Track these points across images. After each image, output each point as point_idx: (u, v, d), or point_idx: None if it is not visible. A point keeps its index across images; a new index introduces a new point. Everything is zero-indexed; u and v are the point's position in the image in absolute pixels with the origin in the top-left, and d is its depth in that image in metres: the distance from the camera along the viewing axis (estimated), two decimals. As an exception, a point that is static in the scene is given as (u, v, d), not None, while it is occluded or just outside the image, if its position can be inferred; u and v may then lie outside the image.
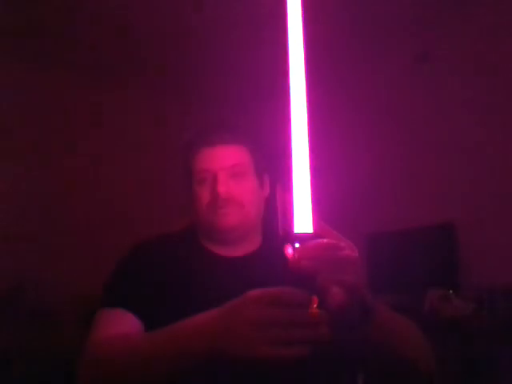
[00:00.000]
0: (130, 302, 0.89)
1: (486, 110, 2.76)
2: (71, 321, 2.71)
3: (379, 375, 0.83)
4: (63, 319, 2.76)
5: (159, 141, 3.67)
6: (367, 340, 0.70)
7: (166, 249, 1.00)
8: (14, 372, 2.29)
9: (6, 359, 2.28)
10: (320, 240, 0.59)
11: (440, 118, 2.98)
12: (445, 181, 2.91)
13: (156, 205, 3.48)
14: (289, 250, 0.59)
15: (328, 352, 0.73)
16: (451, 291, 2.50)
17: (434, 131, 3.01)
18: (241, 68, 3.46)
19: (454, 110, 2.91)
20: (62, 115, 3.40)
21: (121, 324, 0.86)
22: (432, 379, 0.80)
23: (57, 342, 2.41)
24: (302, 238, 0.58)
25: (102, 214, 3.40)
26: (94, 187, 3.45)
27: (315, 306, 0.55)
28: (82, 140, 3.48)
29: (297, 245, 0.58)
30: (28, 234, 3.08)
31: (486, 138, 2.74)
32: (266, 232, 1.06)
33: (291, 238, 0.59)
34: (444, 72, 2.99)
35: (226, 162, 0.97)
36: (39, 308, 2.73)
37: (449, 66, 2.97)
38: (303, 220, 0.58)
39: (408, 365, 0.78)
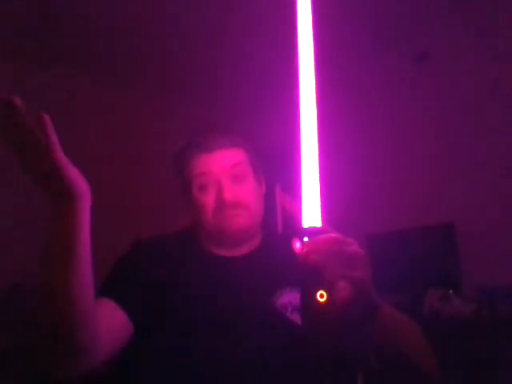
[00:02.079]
0: (124, 298, 0.88)
1: (486, 109, 2.76)
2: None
3: (379, 375, 0.83)
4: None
5: (159, 140, 3.66)
6: (370, 338, 0.70)
7: (166, 249, 1.00)
8: (13, 372, 2.28)
9: (5, 359, 2.27)
10: (329, 234, 0.58)
11: (440, 118, 2.98)
12: (445, 181, 2.91)
13: (156, 205, 3.47)
14: (297, 244, 0.59)
15: (328, 352, 0.73)
16: (451, 291, 2.50)
17: (434, 131, 3.01)
18: (240, 68, 3.45)
19: (454, 110, 2.91)
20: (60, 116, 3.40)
21: (106, 310, 0.85)
22: (432, 379, 0.80)
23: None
24: (311, 232, 0.58)
25: (102, 213, 3.39)
26: (94, 187, 3.43)
27: (322, 299, 0.55)
28: (81, 140, 3.47)
29: (305, 239, 0.58)
30: (27, 233, 3.06)
31: (486, 138, 2.75)
32: (264, 231, 1.06)
33: (300, 232, 0.58)
34: (444, 71, 2.99)
35: (225, 167, 0.96)
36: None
37: (449, 65, 2.97)
38: (312, 214, 0.57)
39: (409, 364, 0.78)
